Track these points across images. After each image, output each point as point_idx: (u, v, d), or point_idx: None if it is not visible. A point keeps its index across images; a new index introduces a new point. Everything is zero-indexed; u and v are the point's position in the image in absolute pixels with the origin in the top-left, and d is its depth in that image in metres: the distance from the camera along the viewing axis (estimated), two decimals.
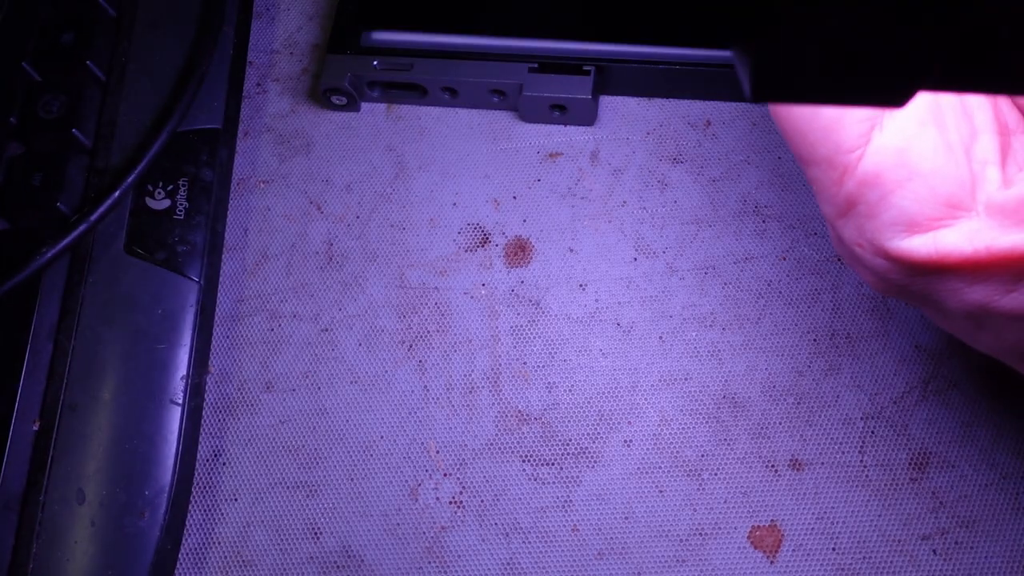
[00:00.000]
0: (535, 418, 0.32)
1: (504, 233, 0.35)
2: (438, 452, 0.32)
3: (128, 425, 0.31)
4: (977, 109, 0.21)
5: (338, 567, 0.31)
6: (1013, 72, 0.13)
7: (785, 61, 0.13)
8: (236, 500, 0.32)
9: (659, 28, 0.13)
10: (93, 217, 0.33)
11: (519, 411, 0.32)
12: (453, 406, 0.33)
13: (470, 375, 0.33)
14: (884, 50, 0.13)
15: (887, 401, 0.31)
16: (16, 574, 0.29)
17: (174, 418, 0.31)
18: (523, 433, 0.32)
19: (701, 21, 0.12)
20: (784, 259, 0.33)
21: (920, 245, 0.21)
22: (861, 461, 0.30)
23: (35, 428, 0.31)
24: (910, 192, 0.20)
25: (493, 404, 0.32)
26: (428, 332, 0.34)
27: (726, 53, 0.39)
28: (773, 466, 0.31)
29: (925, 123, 0.21)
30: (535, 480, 0.31)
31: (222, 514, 0.32)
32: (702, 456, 0.31)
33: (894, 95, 0.14)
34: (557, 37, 0.13)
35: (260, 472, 0.32)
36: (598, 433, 0.32)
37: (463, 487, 0.31)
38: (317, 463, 0.32)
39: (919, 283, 0.22)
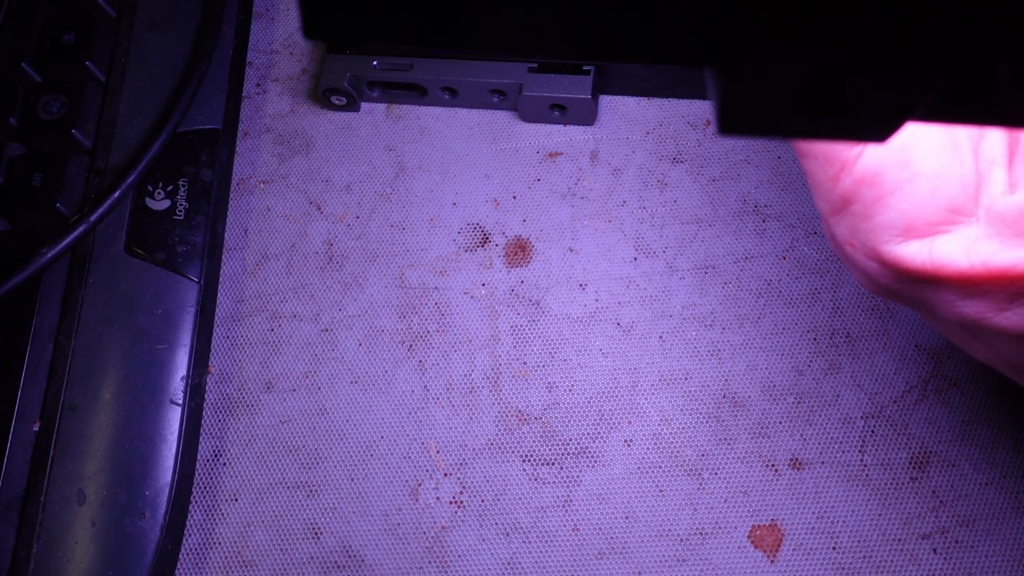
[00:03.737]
0: (535, 418, 0.32)
1: (504, 233, 0.35)
2: (438, 452, 0.32)
3: (128, 425, 0.31)
4: None
5: (339, 567, 0.31)
6: (1010, 107, 0.12)
7: (757, 92, 0.11)
8: (236, 500, 0.32)
9: (637, 46, 0.11)
10: (93, 217, 0.33)
11: (519, 411, 0.32)
12: (453, 406, 0.33)
13: (470, 375, 0.33)
14: (871, 83, 0.11)
15: (887, 400, 0.31)
16: (17, 574, 0.29)
17: (174, 418, 0.31)
18: (523, 433, 0.32)
19: (679, 39, 0.11)
20: (784, 258, 0.33)
21: (915, 252, 0.20)
22: (861, 460, 0.30)
23: (35, 428, 0.31)
24: (909, 195, 0.19)
25: (493, 404, 0.32)
26: (428, 332, 0.34)
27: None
28: (773, 465, 0.31)
29: None
30: (535, 480, 0.31)
31: (222, 514, 0.32)
32: (702, 455, 0.31)
33: (878, 130, 0.12)
34: (538, 55, 0.12)
35: (260, 472, 0.32)
36: (598, 433, 0.32)
37: (463, 487, 0.31)
38: (317, 463, 0.32)
39: (911, 290, 0.21)
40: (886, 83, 0.11)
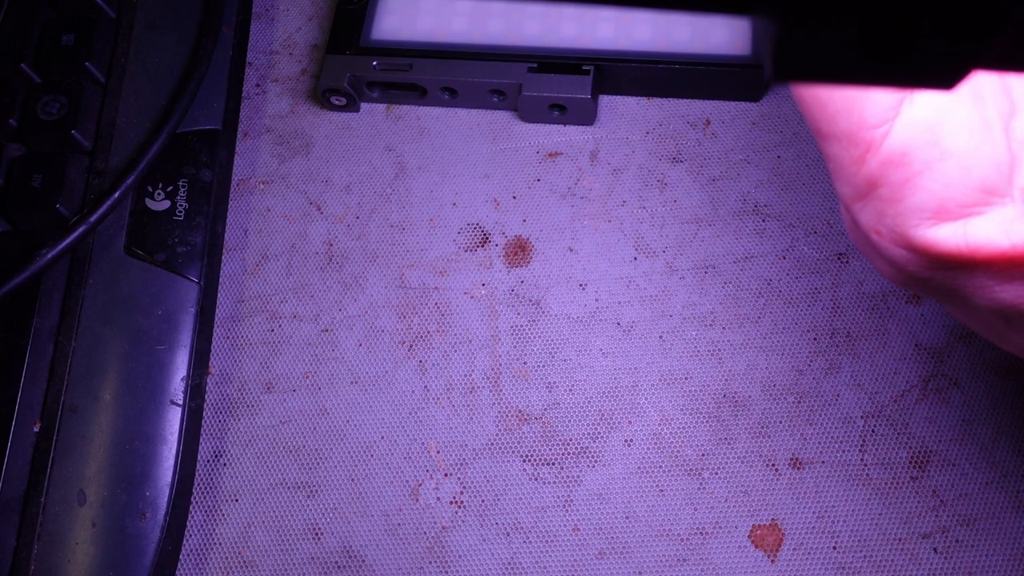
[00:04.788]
0: (535, 418, 0.32)
1: (504, 233, 0.35)
2: (439, 452, 0.32)
3: (129, 426, 0.31)
4: (1016, 82, 0.19)
5: (339, 567, 0.31)
6: None
7: (817, 32, 0.11)
8: (237, 501, 0.32)
9: None
10: (93, 218, 0.33)
11: (519, 411, 0.32)
12: (453, 406, 0.33)
13: (470, 375, 0.33)
14: (939, 20, 0.10)
15: (887, 399, 0.31)
16: (17, 575, 0.29)
17: (175, 419, 0.31)
18: (523, 433, 0.32)
19: None
20: (784, 258, 0.33)
21: (948, 236, 0.19)
22: (861, 459, 0.30)
23: (36, 429, 0.31)
24: (940, 174, 0.18)
25: (493, 404, 0.33)
26: (428, 332, 0.34)
27: (725, 52, 0.39)
28: (774, 465, 0.31)
29: (961, 96, 0.18)
30: (536, 480, 0.31)
31: (223, 515, 0.32)
32: (702, 455, 0.31)
33: (945, 77, 0.12)
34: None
35: (261, 473, 0.32)
36: (598, 433, 0.32)
37: (464, 487, 0.32)
38: (318, 463, 0.32)
39: (943, 277, 0.20)
40: (957, 26, 0.11)
